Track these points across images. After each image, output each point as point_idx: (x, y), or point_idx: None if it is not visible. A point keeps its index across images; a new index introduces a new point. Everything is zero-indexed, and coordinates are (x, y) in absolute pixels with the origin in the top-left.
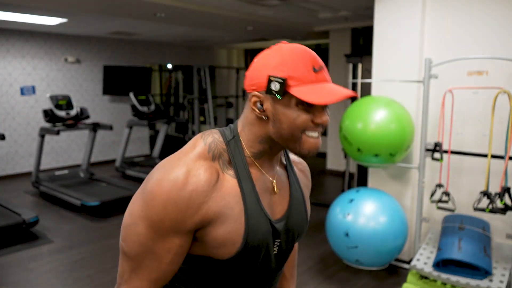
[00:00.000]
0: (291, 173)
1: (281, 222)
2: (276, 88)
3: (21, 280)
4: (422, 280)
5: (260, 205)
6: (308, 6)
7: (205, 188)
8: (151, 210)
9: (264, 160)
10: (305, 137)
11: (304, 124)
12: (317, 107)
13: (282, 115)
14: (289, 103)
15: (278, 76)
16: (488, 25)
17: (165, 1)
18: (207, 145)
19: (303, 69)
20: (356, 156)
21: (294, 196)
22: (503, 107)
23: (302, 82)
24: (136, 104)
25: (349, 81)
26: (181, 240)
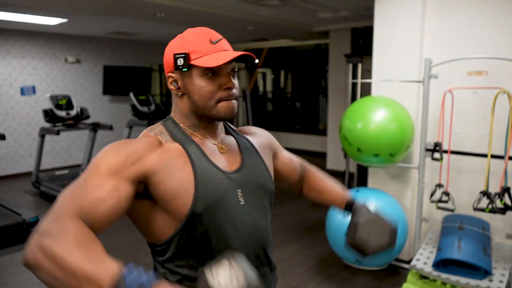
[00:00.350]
0: (239, 137)
1: (237, 173)
2: (181, 63)
3: (21, 280)
4: (422, 280)
5: (207, 158)
6: (308, 6)
7: (145, 145)
8: (95, 159)
9: (203, 131)
10: (219, 105)
11: (211, 92)
12: (223, 75)
13: (191, 86)
14: (196, 75)
15: (181, 53)
16: (488, 25)
17: (165, 1)
18: (149, 129)
19: (201, 43)
20: (356, 156)
21: (245, 152)
22: (503, 107)
23: (202, 53)
24: (136, 104)
25: (349, 81)
26: (118, 183)
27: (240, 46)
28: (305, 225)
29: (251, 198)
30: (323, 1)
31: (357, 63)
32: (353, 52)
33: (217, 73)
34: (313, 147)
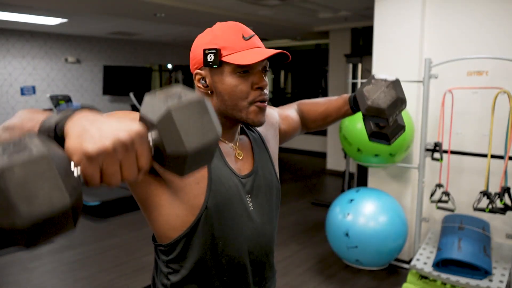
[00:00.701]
0: (252, 135)
1: (249, 178)
2: (211, 59)
3: (21, 280)
4: (422, 280)
5: (224, 160)
6: (308, 6)
7: None
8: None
9: (225, 134)
10: (252, 107)
11: (243, 92)
12: (255, 73)
13: (222, 85)
14: (226, 73)
15: (211, 48)
16: (488, 25)
17: (165, 1)
18: None
19: (233, 38)
20: (356, 156)
21: (257, 154)
22: (503, 107)
23: (234, 49)
24: (136, 104)
25: (349, 81)
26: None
27: None
28: (305, 225)
29: (260, 203)
30: (323, 1)
31: (357, 63)
32: (353, 52)
33: (249, 71)
34: (313, 147)
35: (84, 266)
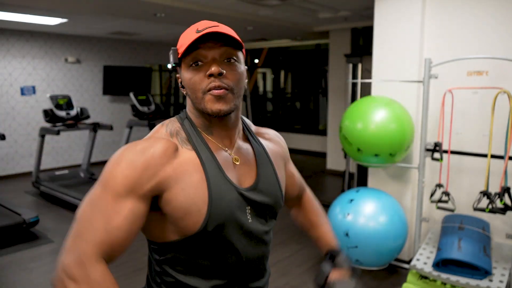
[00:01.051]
0: (255, 144)
1: (251, 191)
2: (171, 60)
3: (21, 280)
4: (422, 280)
5: (222, 173)
6: (308, 6)
7: (161, 155)
8: (106, 169)
9: (218, 135)
10: (207, 97)
11: (197, 83)
12: (209, 62)
13: (185, 81)
14: (184, 68)
15: (172, 48)
16: (488, 25)
17: (165, 1)
18: (165, 126)
19: (189, 35)
20: (356, 156)
21: (261, 166)
22: (503, 107)
23: (186, 44)
24: (136, 104)
25: (349, 81)
26: (133, 204)
27: None
28: None
29: (258, 215)
30: (323, 1)
31: (357, 63)
32: (353, 52)
33: (204, 61)
34: (313, 147)
35: None
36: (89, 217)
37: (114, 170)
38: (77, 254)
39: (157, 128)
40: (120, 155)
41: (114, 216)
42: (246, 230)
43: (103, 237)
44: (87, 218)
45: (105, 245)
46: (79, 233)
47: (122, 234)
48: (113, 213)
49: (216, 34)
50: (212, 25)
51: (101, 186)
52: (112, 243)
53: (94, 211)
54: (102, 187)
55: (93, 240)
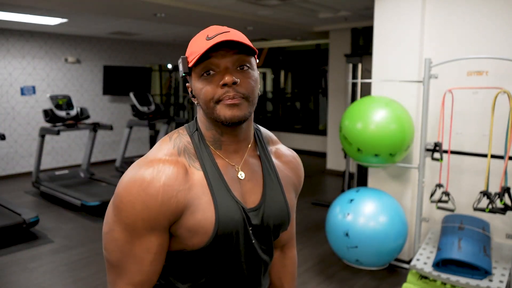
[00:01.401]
0: (265, 162)
1: (256, 211)
2: (181, 69)
3: (21, 280)
4: (422, 280)
5: (230, 193)
6: (308, 6)
7: (172, 183)
8: (122, 213)
9: (227, 149)
10: (218, 106)
11: (209, 93)
12: (222, 71)
13: (195, 91)
14: (195, 78)
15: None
16: (488, 25)
17: (165, 1)
18: (172, 141)
19: (199, 42)
20: (356, 156)
21: (268, 185)
22: (503, 107)
23: (197, 53)
24: (136, 104)
25: (349, 81)
26: (159, 238)
27: None
28: (305, 225)
29: (262, 236)
30: (323, 1)
31: (357, 63)
32: (353, 52)
33: (216, 70)
34: (313, 147)
35: (84, 266)
36: (122, 261)
37: (131, 214)
38: None
39: (163, 144)
40: (129, 193)
41: (145, 255)
42: (247, 250)
43: (141, 277)
44: (121, 265)
45: (144, 283)
46: (116, 279)
47: (156, 267)
48: (143, 253)
49: (229, 42)
50: (223, 31)
51: (122, 228)
52: (149, 279)
53: (125, 256)
54: (124, 231)
55: (132, 282)
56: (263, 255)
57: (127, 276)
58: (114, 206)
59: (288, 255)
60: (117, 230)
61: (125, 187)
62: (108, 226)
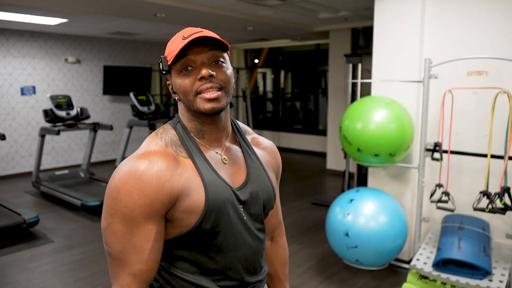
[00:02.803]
0: (245, 147)
1: (243, 189)
2: (161, 67)
3: (21, 280)
4: (422, 280)
5: (217, 174)
6: (308, 6)
7: (164, 169)
8: (120, 204)
9: (209, 138)
10: (198, 99)
11: (188, 87)
12: (199, 66)
13: (176, 86)
14: (174, 75)
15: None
16: (488, 25)
17: (165, 1)
18: (159, 136)
19: (176, 42)
20: (356, 156)
21: (251, 165)
22: (503, 107)
23: (174, 51)
24: (136, 104)
25: (349, 81)
26: (156, 226)
27: (240, 46)
28: (305, 225)
29: (252, 213)
30: (323, 1)
31: (357, 63)
32: (353, 52)
33: (193, 66)
34: (313, 147)
35: (84, 266)
36: (123, 253)
37: (129, 203)
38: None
39: (151, 139)
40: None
41: (144, 244)
42: (240, 228)
43: (141, 266)
44: (122, 256)
45: (145, 272)
46: (118, 271)
47: (155, 256)
48: (142, 242)
49: (203, 39)
50: (197, 31)
51: (120, 219)
52: (149, 267)
53: (125, 246)
54: (123, 221)
55: (133, 273)
56: (258, 233)
57: (128, 267)
58: (110, 199)
59: (279, 243)
60: (116, 222)
61: (121, 178)
62: (106, 221)
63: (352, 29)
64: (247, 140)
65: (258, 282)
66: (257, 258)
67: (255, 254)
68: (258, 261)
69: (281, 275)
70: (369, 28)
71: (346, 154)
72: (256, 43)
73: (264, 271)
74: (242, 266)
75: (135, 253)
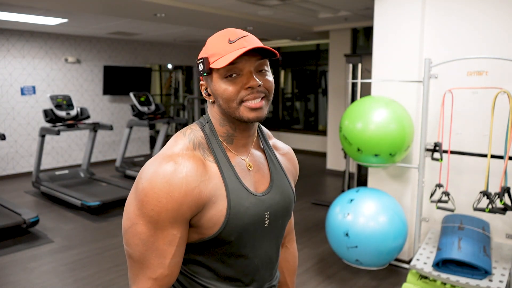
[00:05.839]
0: (268, 152)
1: (266, 196)
2: (201, 68)
3: (21, 280)
4: (421, 280)
5: (240, 181)
6: (308, 6)
7: (193, 174)
8: (147, 206)
9: (237, 144)
10: (242, 107)
11: (233, 94)
12: (246, 74)
13: (216, 91)
14: (216, 78)
15: (201, 58)
16: (488, 25)
17: (165, 1)
18: (187, 136)
19: (220, 44)
20: (356, 156)
21: (274, 173)
22: (503, 107)
23: (220, 55)
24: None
25: (349, 81)
26: (180, 231)
27: None
28: (305, 225)
29: (275, 220)
30: (323, 1)
31: (357, 63)
32: (353, 52)
33: (239, 73)
34: (313, 147)
35: (84, 266)
36: (145, 255)
37: (156, 207)
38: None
39: (179, 139)
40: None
41: (168, 248)
42: (261, 236)
43: (163, 271)
44: (143, 259)
45: (166, 277)
46: (139, 274)
47: (177, 260)
48: (166, 246)
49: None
50: (243, 35)
51: (146, 222)
52: (171, 272)
53: (148, 249)
54: (148, 224)
55: (154, 276)
56: (277, 240)
57: (149, 270)
58: (137, 201)
59: (290, 249)
60: (141, 224)
61: (149, 181)
62: (130, 221)
63: (352, 29)
64: (270, 145)
65: (272, 287)
66: (273, 265)
67: (271, 261)
68: (274, 268)
69: (289, 282)
70: (369, 28)
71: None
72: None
73: (277, 277)
74: (259, 273)
75: (157, 257)
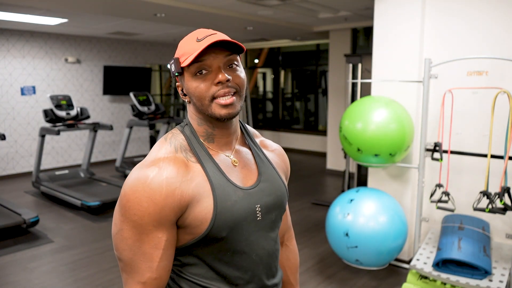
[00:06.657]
0: (254, 149)
1: (255, 189)
2: (173, 69)
3: (21, 280)
4: (421, 280)
5: (225, 177)
6: (308, 6)
7: (174, 176)
8: (129, 211)
9: (220, 143)
10: (213, 104)
11: (203, 91)
12: (214, 70)
13: (189, 89)
14: (188, 77)
15: (172, 59)
16: (488, 25)
17: (165, 1)
18: (168, 141)
19: (189, 44)
20: (356, 156)
21: (261, 167)
22: (503, 107)
23: (189, 53)
24: (136, 104)
25: (349, 81)
26: (166, 234)
27: None
28: (305, 225)
29: (267, 212)
30: (323, 1)
31: (357, 63)
32: (353, 52)
33: (208, 70)
34: (313, 147)
35: (84, 266)
36: (133, 260)
37: (138, 211)
38: None
39: (161, 145)
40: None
41: (154, 252)
42: (255, 229)
43: (151, 275)
44: (132, 263)
45: (155, 280)
46: (128, 278)
47: (165, 263)
48: (152, 250)
49: (220, 43)
50: (211, 33)
51: (130, 227)
52: (159, 276)
53: (135, 254)
54: (133, 229)
55: (143, 281)
56: (272, 234)
57: (138, 274)
58: (121, 206)
59: (290, 247)
60: (126, 229)
61: (130, 186)
62: (116, 227)
63: (352, 29)
64: (256, 142)
65: (275, 285)
66: (273, 259)
67: (270, 255)
68: (273, 263)
69: (292, 280)
70: (369, 28)
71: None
72: (256, 43)
73: (280, 275)
74: (259, 268)
75: (145, 261)
